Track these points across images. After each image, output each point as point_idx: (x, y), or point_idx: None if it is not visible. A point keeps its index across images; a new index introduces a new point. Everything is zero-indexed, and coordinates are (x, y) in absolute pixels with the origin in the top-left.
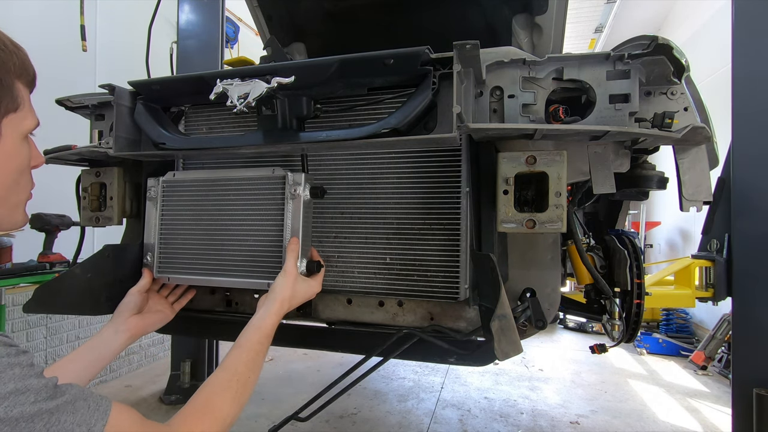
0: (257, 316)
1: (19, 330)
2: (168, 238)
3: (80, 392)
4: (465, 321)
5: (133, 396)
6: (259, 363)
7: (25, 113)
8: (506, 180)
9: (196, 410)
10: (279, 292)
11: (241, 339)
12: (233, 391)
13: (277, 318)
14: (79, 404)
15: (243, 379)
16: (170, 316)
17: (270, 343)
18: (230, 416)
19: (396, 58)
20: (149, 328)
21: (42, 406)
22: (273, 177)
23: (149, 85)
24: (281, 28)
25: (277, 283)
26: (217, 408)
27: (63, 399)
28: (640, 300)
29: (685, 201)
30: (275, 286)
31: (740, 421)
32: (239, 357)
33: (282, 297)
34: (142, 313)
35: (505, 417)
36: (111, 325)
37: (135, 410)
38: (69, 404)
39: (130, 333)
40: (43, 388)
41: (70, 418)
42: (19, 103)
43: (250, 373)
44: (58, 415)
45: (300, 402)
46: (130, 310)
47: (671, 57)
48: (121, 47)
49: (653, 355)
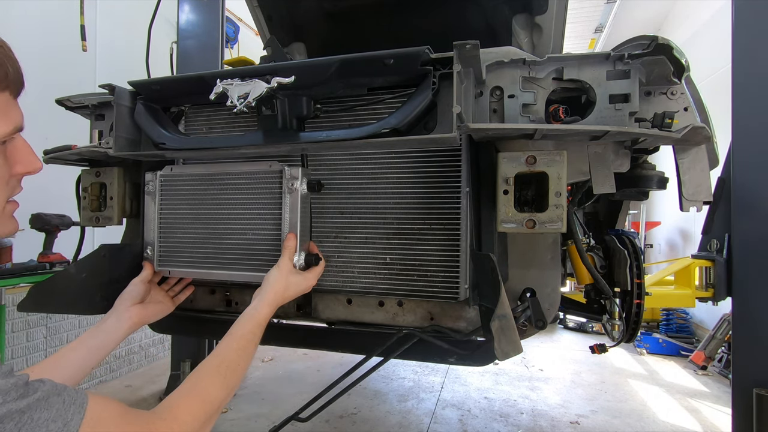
0: (251, 306)
1: (19, 330)
2: (167, 232)
3: (53, 387)
4: (465, 321)
5: (133, 396)
6: (250, 351)
7: None
8: (506, 180)
9: (184, 394)
10: (272, 284)
11: (234, 328)
12: (222, 376)
13: (270, 309)
14: (53, 400)
15: (233, 365)
16: (171, 308)
17: (262, 333)
18: (218, 400)
19: (396, 58)
20: (151, 318)
21: (12, 406)
22: (270, 171)
23: (149, 85)
24: (281, 28)
25: (271, 276)
26: (205, 392)
27: (35, 396)
28: (640, 300)
29: (685, 201)
30: (268, 277)
31: (740, 421)
32: (230, 344)
33: (275, 289)
34: (144, 303)
35: (505, 417)
36: (113, 313)
37: (116, 401)
38: (42, 401)
39: (132, 321)
40: (12, 387)
41: (44, 414)
42: None
43: (240, 360)
44: (31, 413)
45: (300, 402)
46: (132, 299)
47: (671, 57)
48: (121, 47)
49: (653, 355)
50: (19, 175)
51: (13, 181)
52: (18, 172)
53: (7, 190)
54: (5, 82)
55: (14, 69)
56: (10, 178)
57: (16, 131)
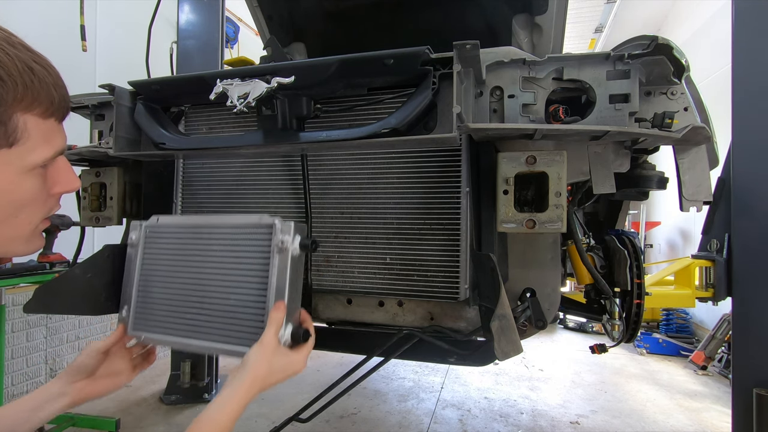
0: (221, 396)
1: (19, 330)
2: (146, 292)
3: None
4: (465, 321)
5: (133, 396)
6: None
7: (31, 146)
8: (506, 180)
9: None
10: (252, 368)
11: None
12: None
13: (246, 401)
14: None
15: None
16: (127, 380)
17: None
18: None
19: (396, 58)
20: (95, 395)
21: None
22: (260, 225)
23: (149, 85)
24: (281, 28)
25: (251, 356)
26: None
27: None
28: (640, 300)
29: (685, 201)
30: (248, 358)
31: (740, 421)
32: None
33: (255, 374)
34: (93, 377)
35: (505, 417)
36: (58, 382)
37: None
38: None
39: (72, 399)
40: None
41: None
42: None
43: None
44: None
45: (300, 402)
46: (80, 373)
47: (671, 57)
48: (121, 47)
49: (653, 355)
50: (57, 194)
51: (52, 200)
52: (57, 192)
53: (44, 209)
54: (52, 108)
55: (61, 96)
56: (48, 198)
57: (57, 155)
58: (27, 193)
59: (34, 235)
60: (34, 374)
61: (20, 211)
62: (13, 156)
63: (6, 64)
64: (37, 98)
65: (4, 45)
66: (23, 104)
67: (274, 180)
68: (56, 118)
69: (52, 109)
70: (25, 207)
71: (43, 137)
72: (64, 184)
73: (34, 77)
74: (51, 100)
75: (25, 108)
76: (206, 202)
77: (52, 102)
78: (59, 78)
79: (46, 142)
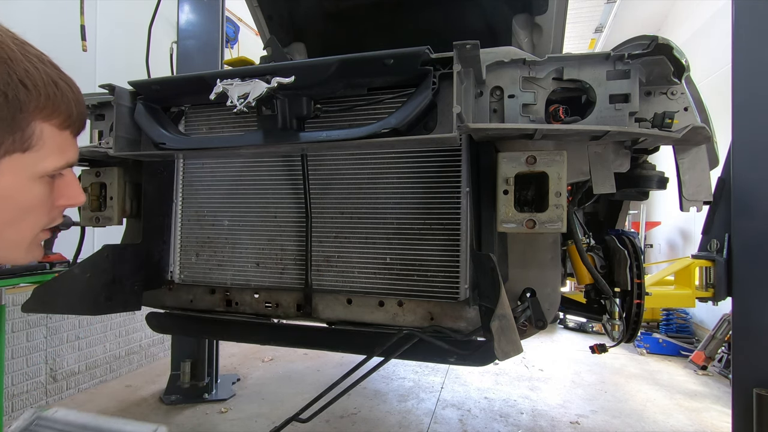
0: None
1: (19, 330)
2: None
3: None
4: (465, 321)
5: (133, 396)
6: None
7: (44, 154)
8: (506, 180)
9: None
10: None
11: None
12: None
13: None
14: None
15: None
16: None
17: None
18: None
19: (396, 59)
20: None
21: None
22: None
23: (149, 85)
24: (281, 28)
25: None
26: None
27: None
28: (640, 300)
29: (685, 201)
30: None
31: (740, 421)
32: None
33: None
34: None
35: (505, 417)
36: None
37: None
38: None
39: None
40: None
41: None
42: (31, 144)
43: None
44: None
45: (300, 402)
46: None
47: (671, 57)
48: (121, 47)
49: (653, 355)
50: (62, 207)
51: (55, 212)
52: (61, 204)
53: (47, 219)
54: (69, 121)
55: (79, 111)
56: (52, 209)
57: (67, 167)
58: (35, 199)
59: (33, 244)
60: (34, 374)
61: (26, 215)
62: (26, 161)
63: (33, 75)
64: (57, 109)
65: (35, 61)
66: (43, 113)
67: (274, 180)
68: (72, 131)
69: (69, 122)
70: (31, 213)
71: (57, 147)
72: (70, 197)
73: (57, 91)
74: (69, 113)
75: (44, 117)
76: (206, 202)
77: (70, 115)
78: (80, 96)
79: (59, 152)
